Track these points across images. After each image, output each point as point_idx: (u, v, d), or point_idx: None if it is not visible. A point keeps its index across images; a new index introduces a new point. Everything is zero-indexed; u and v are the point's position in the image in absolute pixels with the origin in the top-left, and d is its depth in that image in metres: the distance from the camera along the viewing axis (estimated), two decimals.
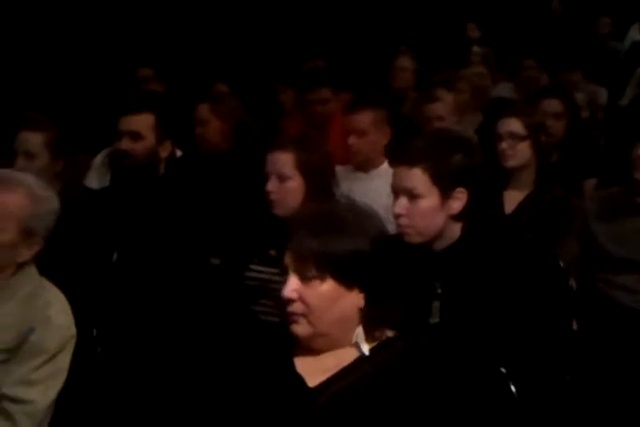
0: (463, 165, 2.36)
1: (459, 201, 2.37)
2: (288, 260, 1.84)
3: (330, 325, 1.82)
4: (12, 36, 6.70)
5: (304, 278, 1.82)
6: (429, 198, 2.35)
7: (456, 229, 2.40)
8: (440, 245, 2.40)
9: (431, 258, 2.39)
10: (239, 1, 8.09)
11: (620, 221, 3.17)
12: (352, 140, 3.82)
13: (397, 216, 2.35)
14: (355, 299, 1.83)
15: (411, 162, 2.35)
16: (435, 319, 2.35)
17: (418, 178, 2.34)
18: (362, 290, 1.83)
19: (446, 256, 2.39)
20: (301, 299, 1.82)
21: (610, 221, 3.19)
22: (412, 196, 2.35)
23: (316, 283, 1.81)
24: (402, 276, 1.88)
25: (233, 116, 4.53)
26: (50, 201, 2.34)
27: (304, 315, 1.82)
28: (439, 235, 2.39)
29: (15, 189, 2.29)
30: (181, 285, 3.09)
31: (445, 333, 2.28)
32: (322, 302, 1.81)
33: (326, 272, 1.80)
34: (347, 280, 1.81)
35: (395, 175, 2.42)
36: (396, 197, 2.39)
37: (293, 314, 1.82)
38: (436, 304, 2.36)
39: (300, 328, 1.83)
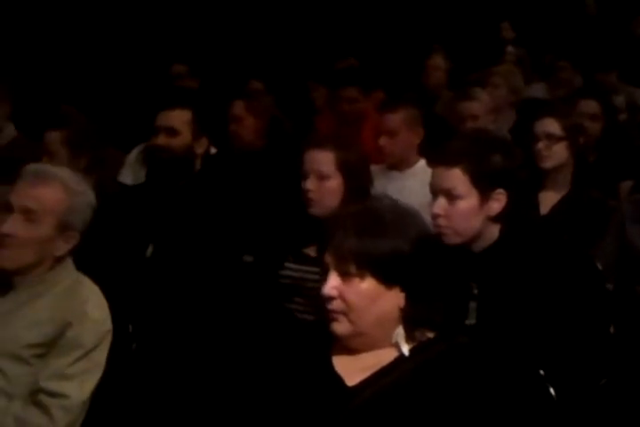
0: (503, 166, 2.35)
1: (498, 202, 2.35)
2: (329, 258, 1.83)
3: (370, 323, 1.82)
4: (51, 32, 6.75)
5: (344, 276, 1.81)
6: (468, 199, 2.33)
7: (494, 231, 2.39)
8: (478, 246, 2.39)
9: (469, 259, 2.38)
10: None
11: None
12: (383, 140, 3.82)
13: (436, 217, 2.34)
14: (395, 298, 1.82)
15: (450, 162, 2.34)
16: (471, 320, 2.34)
17: (457, 178, 2.33)
18: (402, 289, 1.82)
19: (484, 258, 2.37)
20: (341, 297, 1.81)
21: None
22: (451, 196, 2.34)
23: (356, 281, 1.81)
24: (443, 276, 1.87)
25: (267, 113, 4.54)
26: (86, 195, 2.36)
27: (344, 313, 1.81)
28: (477, 236, 2.37)
29: (51, 182, 2.30)
30: (215, 281, 3.09)
31: (482, 334, 2.27)
32: (362, 300, 1.80)
33: (366, 271, 1.80)
34: (387, 279, 1.81)
35: (433, 175, 2.41)
36: (435, 197, 2.38)
37: (333, 312, 1.82)
38: (473, 305, 2.35)
39: (340, 326, 1.82)
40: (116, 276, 2.78)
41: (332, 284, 1.81)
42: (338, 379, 1.82)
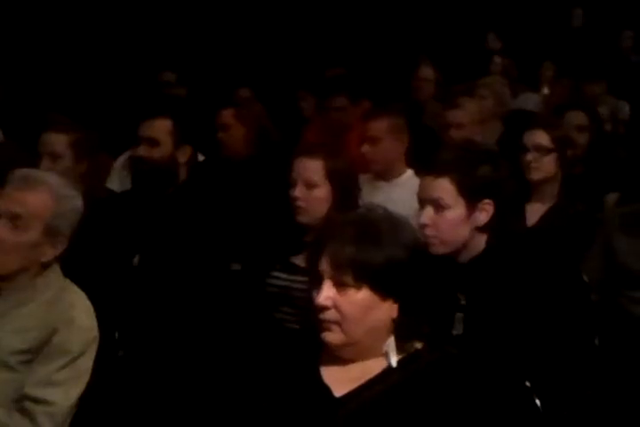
0: (490, 177, 2.36)
1: (485, 213, 2.36)
2: (324, 267, 1.83)
3: (362, 334, 1.82)
4: (37, 39, 6.74)
5: (340, 286, 1.81)
6: (455, 209, 2.35)
7: (481, 241, 2.40)
8: (465, 256, 2.39)
9: (456, 269, 2.39)
10: (263, 8, 8.12)
11: None
12: (365, 148, 3.82)
13: (423, 226, 2.35)
14: (388, 309, 1.83)
15: (438, 172, 2.35)
16: (457, 331, 2.35)
17: (445, 188, 2.34)
18: (396, 301, 1.83)
19: (471, 268, 2.38)
20: (336, 307, 1.81)
21: (631, 237, 3.17)
22: (439, 206, 2.35)
23: (352, 291, 1.81)
24: (434, 287, 1.87)
25: (256, 122, 4.54)
26: (73, 200, 2.34)
27: (337, 323, 1.81)
28: (464, 246, 2.38)
29: (38, 188, 2.29)
30: (202, 289, 3.09)
31: (469, 345, 2.27)
32: (356, 310, 1.80)
33: (363, 281, 1.80)
34: (383, 290, 1.81)
35: (421, 185, 2.42)
36: (422, 207, 2.39)
37: (326, 321, 1.82)
38: (460, 316, 2.36)
39: (333, 336, 1.82)
40: (103, 283, 2.78)
41: (327, 294, 1.81)
42: (326, 389, 1.82)
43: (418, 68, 5.91)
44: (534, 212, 3.56)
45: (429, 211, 2.36)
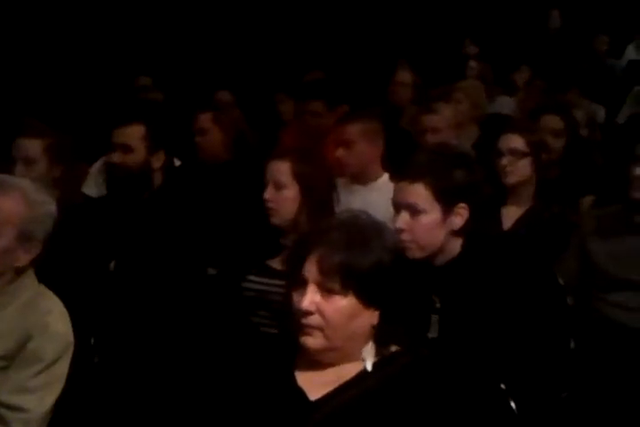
0: (465, 181, 2.38)
1: (460, 217, 2.38)
2: (310, 272, 1.82)
3: (343, 340, 1.82)
4: (11, 43, 6.70)
5: (326, 292, 1.81)
6: (431, 214, 2.36)
7: (456, 245, 2.41)
8: (440, 260, 2.41)
9: (431, 273, 2.40)
10: (240, 11, 8.12)
11: (617, 240, 3.18)
12: (340, 151, 3.82)
13: (399, 231, 2.35)
14: (370, 317, 1.84)
15: (413, 177, 2.36)
16: (433, 334, 2.36)
17: (420, 193, 2.35)
18: (377, 308, 1.83)
19: (446, 271, 2.39)
20: (320, 312, 1.81)
21: (606, 239, 3.20)
22: (414, 211, 2.36)
23: (337, 298, 1.81)
24: (412, 292, 1.88)
25: (233, 126, 4.53)
26: (46, 205, 2.32)
27: (320, 328, 1.81)
28: (440, 250, 2.39)
29: (10, 193, 2.27)
30: (178, 294, 3.08)
31: (444, 347, 2.28)
32: (340, 317, 1.81)
33: (350, 288, 1.80)
34: (368, 297, 1.81)
35: (396, 190, 2.43)
36: (398, 211, 2.40)
37: (308, 326, 1.81)
38: (435, 318, 2.37)
39: (314, 341, 1.82)
40: (78, 288, 2.76)
41: (312, 299, 1.81)
42: (300, 393, 1.82)
43: (395, 73, 5.92)
44: (510, 215, 3.57)
45: (405, 216, 2.37)
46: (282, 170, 2.89)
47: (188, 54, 7.63)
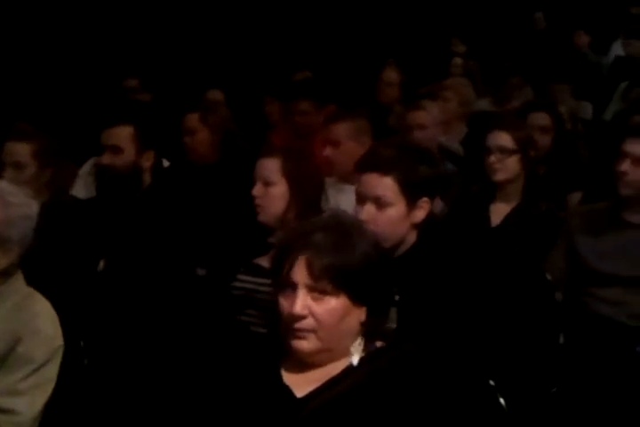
0: (428, 175, 2.44)
1: (422, 210, 2.44)
2: (299, 276, 1.81)
3: (336, 340, 1.83)
4: None
5: (317, 294, 1.81)
6: (396, 207, 2.41)
7: (413, 236, 2.46)
8: (398, 251, 2.44)
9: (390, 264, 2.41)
10: (227, 13, 8.11)
11: (604, 236, 3.19)
12: (328, 151, 3.83)
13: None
14: (359, 314, 1.84)
15: (382, 170, 2.40)
16: (392, 325, 2.36)
17: (388, 187, 2.40)
18: (364, 304, 1.84)
19: (403, 262, 2.42)
20: (313, 315, 1.80)
21: (594, 235, 3.21)
22: (380, 203, 2.40)
23: (329, 299, 1.81)
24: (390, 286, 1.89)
25: (221, 126, 4.53)
26: (23, 208, 2.28)
27: (313, 331, 1.81)
28: (399, 242, 2.44)
29: None
30: (167, 295, 3.09)
31: (404, 338, 2.28)
32: (333, 317, 1.81)
33: (342, 288, 1.80)
34: (359, 296, 1.82)
35: (363, 182, 2.45)
36: (362, 203, 2.44)
37: (302, 330, 1.81)
38: (393, 310, 2.38)
39: (308, 344, 1.81)
40: (67, 291, 2.76)
41: (304, 302, 1.80)
42: (287, 390, 1.82)
43: (383, 72, 5.93)
44: (499, 212, 3.59)
45: (370, 208, 2.41)
46: (271, 167, 2.89)
47: (175, 56, 7.62)
